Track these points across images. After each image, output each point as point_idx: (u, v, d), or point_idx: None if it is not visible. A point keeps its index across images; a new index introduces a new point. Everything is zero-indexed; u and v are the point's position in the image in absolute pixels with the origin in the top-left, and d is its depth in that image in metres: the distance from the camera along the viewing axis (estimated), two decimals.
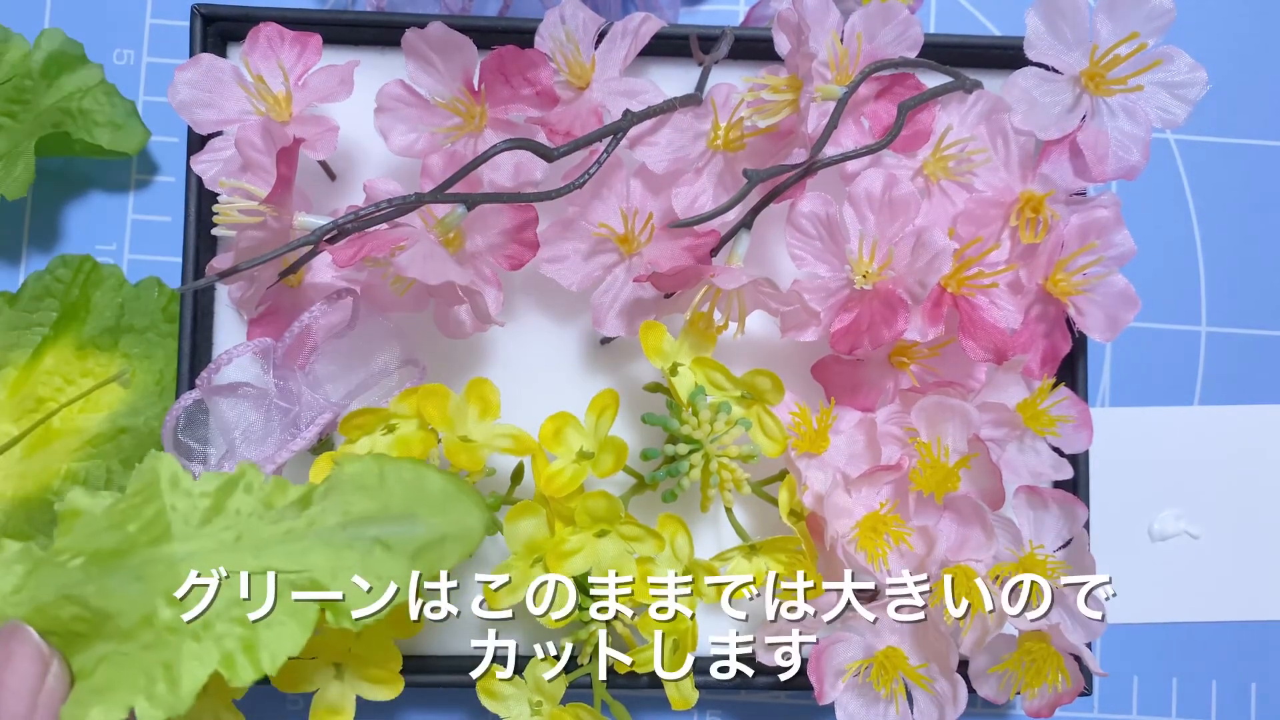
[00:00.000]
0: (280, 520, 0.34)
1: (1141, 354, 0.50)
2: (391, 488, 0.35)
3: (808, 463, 0.41)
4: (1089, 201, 0.41)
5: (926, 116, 0.41)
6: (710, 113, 0.41)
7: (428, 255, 0.36)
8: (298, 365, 0.40)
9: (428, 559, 0.34)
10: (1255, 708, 0.49)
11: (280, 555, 0.33)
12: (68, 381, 0.46)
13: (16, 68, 0.47)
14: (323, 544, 0.33)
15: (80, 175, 0.49)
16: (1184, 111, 0.40)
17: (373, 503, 0.34)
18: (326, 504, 0.34)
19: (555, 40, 0.41)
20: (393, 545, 0.34)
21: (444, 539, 0.35)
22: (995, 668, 0.41)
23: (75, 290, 0.47)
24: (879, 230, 0.39)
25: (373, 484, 0.35)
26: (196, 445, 0.41)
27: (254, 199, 0.37)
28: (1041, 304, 0.41)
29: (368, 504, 0.34)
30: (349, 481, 0.35)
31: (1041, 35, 0.40)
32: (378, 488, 0.35)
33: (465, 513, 0.36)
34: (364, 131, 0.42)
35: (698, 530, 0.43)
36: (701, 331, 0.40)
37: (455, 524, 0.35)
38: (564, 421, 0.40)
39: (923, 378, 0.41)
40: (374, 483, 0.35)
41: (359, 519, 0.34)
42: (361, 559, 0.33)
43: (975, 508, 0.40)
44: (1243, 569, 0.49)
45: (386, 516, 0.34)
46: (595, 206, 0.41)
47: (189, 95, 0.41)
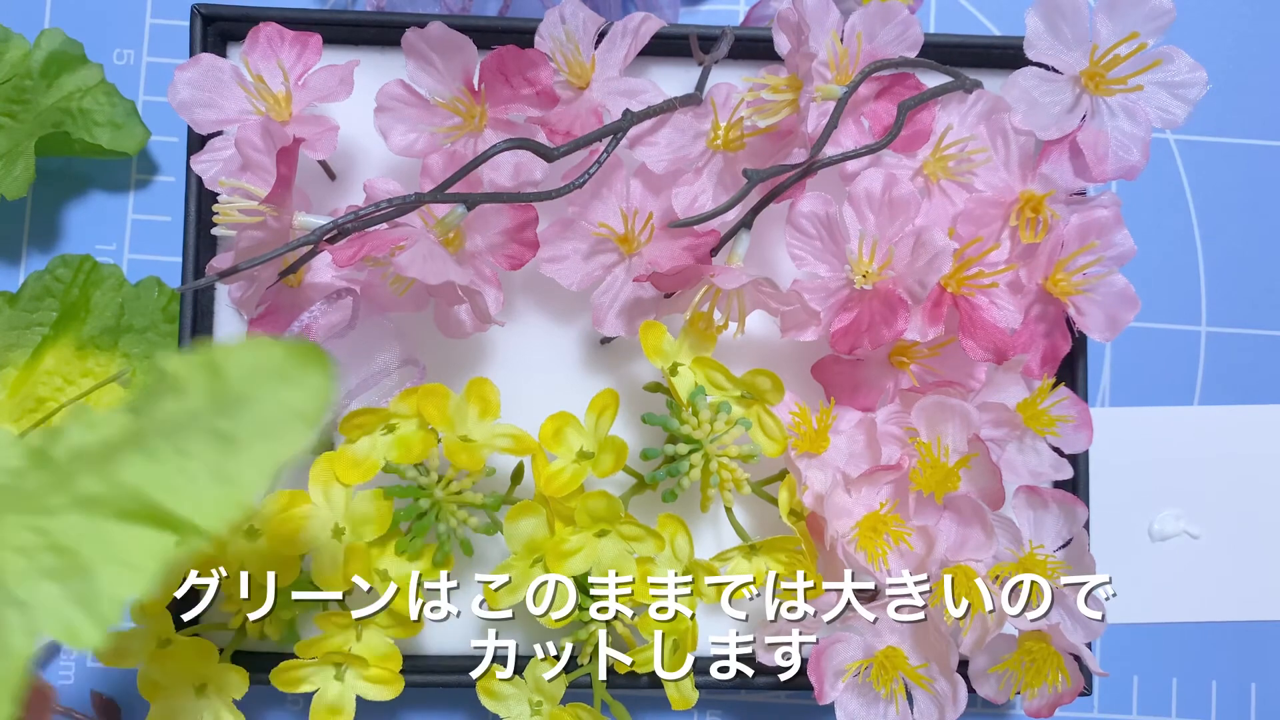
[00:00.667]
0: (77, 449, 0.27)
1: (1141, 354, 0.50)
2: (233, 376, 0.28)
3: (808, 463, 0.41)
4: (1089, 201, 0.41)
5: (926, 116, 0.41)
6: (710, 113, 0.41)
7: (428, 255, 0.36)
8: None
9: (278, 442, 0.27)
10: (1255, 708, 0.49)
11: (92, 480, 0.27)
12: (68, 381, 0.46)
13: (16, 68, 0.47)
14: (146, 455, 0.27)
15: (80, 175, 0.49)
16: (1184, 111, 0.40)
17: (200, 397, 0.27)
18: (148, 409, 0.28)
19: (555, 40, 0.41)
20: (233, 436, 0.27)
21: (292, 414, 0.28)
22: (995, 668, 0.41)
23: (75, 290, 0.47)
24: (879, 230, 0.39)
25: (202, 380, 0.28)
26: None
27: (254, 199, 0.37)
28: (1041, 304, 0.41)
29: (194, 400, 0.27)
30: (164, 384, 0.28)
31: (1041, 35, 0.40)
32: (210, 382, 0.28)
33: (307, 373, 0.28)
34: (364, 131, 0.42)
35: (698, 530, 0.43)
36: (701, 331, 0.40)
37: (301, 391, 0.28)
38: (564, 421, 0.40)
39: (923, 378, 0.41)
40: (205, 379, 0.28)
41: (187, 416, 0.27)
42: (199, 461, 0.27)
43: (975, 508, 0.40)
44: (1243, 569, 0.49)
45: (220, 405, 0.27)
46: (595, 206, 0.41)
47: (189, 95, 0.41)
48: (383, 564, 0.39)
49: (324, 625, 0.40)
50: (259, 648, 0.42)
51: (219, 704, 0.40)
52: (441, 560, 0.39)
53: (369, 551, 0.39)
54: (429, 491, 0.39)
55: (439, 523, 0.39)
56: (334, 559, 0.39)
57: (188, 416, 0.27)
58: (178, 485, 0.27)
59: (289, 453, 0.27)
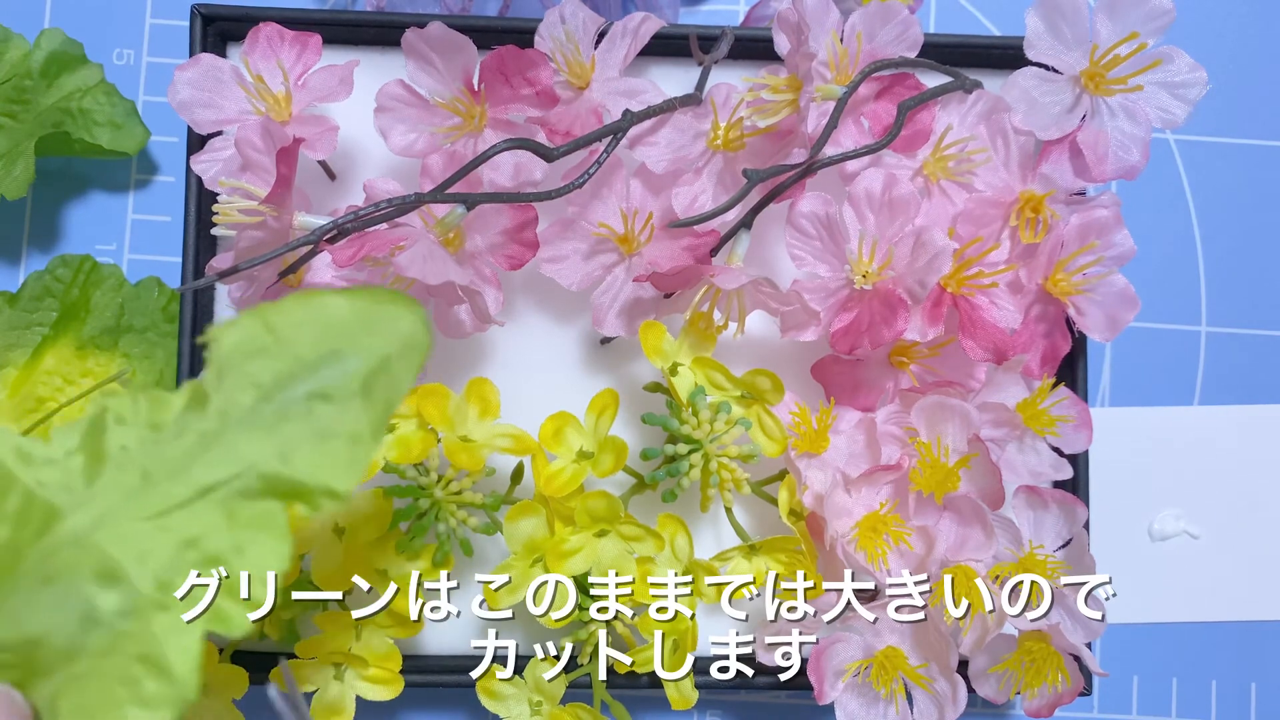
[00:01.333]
0: (183, 432, 0.27)
1: (1141, 354, 0.50)
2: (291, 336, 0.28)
3: (808, 463, 0.41)
4: (1089, 201, 0.41)
5: (926, 116, 0.41)
6: (710, 113, 0.41)
7: (428, 255, 0.36)
8: None
9: (381, 390, 0.27)
10: (1255, 708, 0.49)
11: (207, 467, 0.27)
12: (68, 381, 0.46)
13: (16, 68, 0.47)
14: (250, 430, 0.27)
15: (80, 175, 0.49)
16: (1184, 111, 0.40)
17: (280, 360, 0.27)
18: (227, 388, 0.27)
19: (555, 40, 0.41)
20: (332, 394, 0.27)
21: (386, 360, 0.28)
22: (995, 668, 0.41)
23: (75, 290, 0.47)
24: (879, 230, 0.39)
25: (267, 342, 0.28)
26: None
27: (254, 199, 0.37)
28: (1041, 304, 0.41)
29: (275, 364, 0.27)
30: (237, 352, 0.28)
31: (1041, 35, 0.40)
32: (275, 344, 0.28)
33: (393, 319, 0.28)
34: (364, 131, 0.42)
35: (698, 530, 0.43)
36: (701, 331, 0.40)
37: (389, 337, 0.28)
38: (564, 421, 0.40)
39: (923, 378, 0.41)
40: (267, 340, 0.28)
41: (276, 384, 0.27)
42: (305, 425, 0.27)
43: (975, 508, 0.40)
44: (1243, 569, 0.49)
45: (306, 367, 0.27)
46: (595, 206, 0.41)
47: (189, 95, 0.41)
48: (382, 564, 0.39)
49: (324, 625, 0.40)
50: (259, 648, 0.42)
51: (219, 704, 0.40)
52: (441, 560, 0.39)
53: (369, 551, 0.39)
54: (429, 491, 0.39)
55: (439, 522, 0.39)
56: (334, 559, 0.39)
57: (279, 382, 0.27)
58: (297, 452, 0.26)
59: (394, 399, 0.27)
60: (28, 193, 0.44)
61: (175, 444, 0.27)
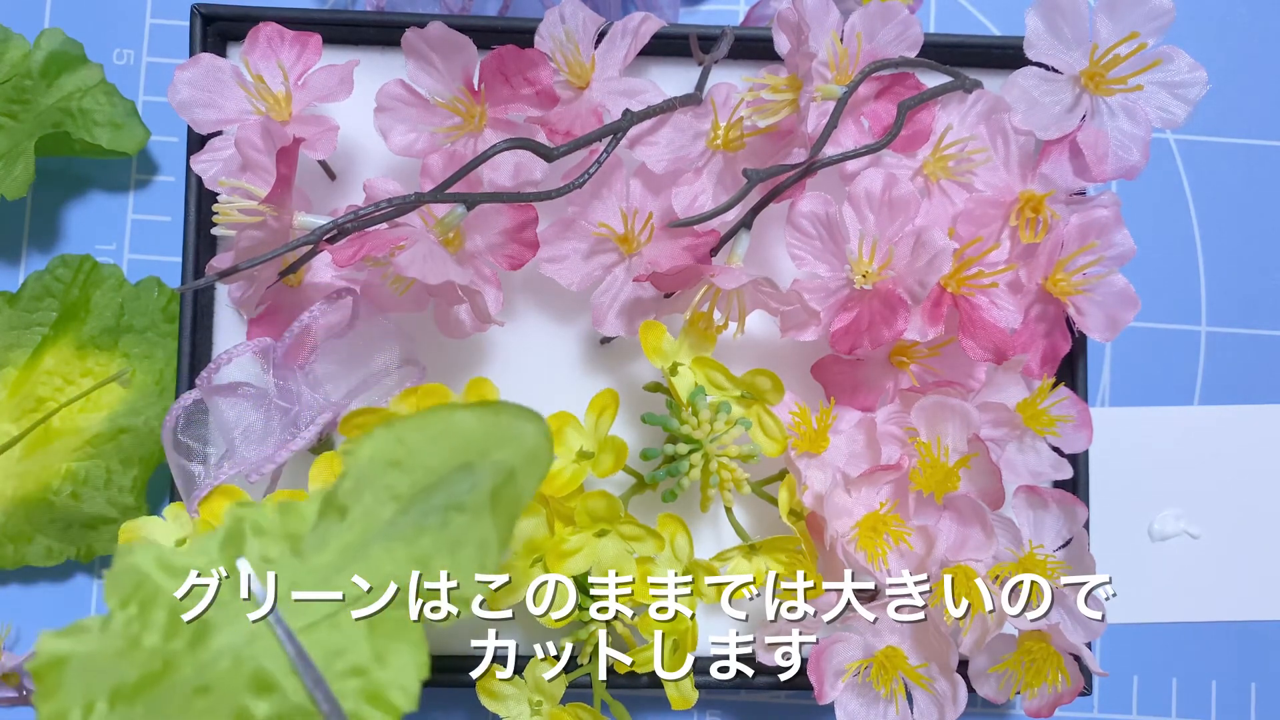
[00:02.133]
0: (322, 545, 0.29)
1: (1141, 354, 0.50)
2: (422, 449, 0.30)
3: (808, 462, 0.41)
4: (1089, 201, 0.41)
5: (926, 116, 0.41)
6: (710, 112, 0.41)
7: (428, 255, 0.36)
8: (297, 365, 0.40)
9: (507, 500, 0.29)
10: (1255, 708, 0.49)
11: (349, 579, 0.29)
12: (68, 381, 0.46)
13: (16, 68, 0.47)
14: (389, 542, 0.29)
15: (80, 175, 0.49)
16: (1184, 111, 0.40)
17: (414, 474, 0.29)
18: (365, 499, 0.29)
19: (555, 40, 0.41)
20: (465, 505, 0.29)
21: (513, 472, 0.29)
22: (995, 667, 0.41)
23: (75, 290, 0.47)
24: (879, 230, 0.39)
25: (400, 455, 0.30)
26: (196, 445, 0.41)
27: (254, 199, 0.37)
28: (1041, 304, 0.41)
29: (410, 477, 0.29)
30: (374, 464, 0.30)
31: (1041, 35, 0.40)
32: (408, 456, 0.30)
33: (518, 432, 0.30)
34: (364, 131, 0.42)
35: (698, 530, 0.43)
36: (701, 331, 0.40)
37: (514, 449, 0.30)
38: (564, 421, 0.40)
39: (923, 378, 0.41)
40: (401, 453, 0.30)
41: (413, 496, 0.29)
42: (441, 536, 0.29)
43: (975, 507, 0.40)
44: (1243, 569, 0.49)
45: (439, 479, 0.29)
46: (595, 206, 0.41)
47: (189, 95, 0.41)
48: None
49: None
50: None
51: None
52: None
53: None
54: None
55: None
56: None
57: (415, 494, 0.29)
58: (433, 562, 0.29)
59: (518, 508, 0.29)
60: (28, 193, 0.44)
61: (317, 557, 0.29)
